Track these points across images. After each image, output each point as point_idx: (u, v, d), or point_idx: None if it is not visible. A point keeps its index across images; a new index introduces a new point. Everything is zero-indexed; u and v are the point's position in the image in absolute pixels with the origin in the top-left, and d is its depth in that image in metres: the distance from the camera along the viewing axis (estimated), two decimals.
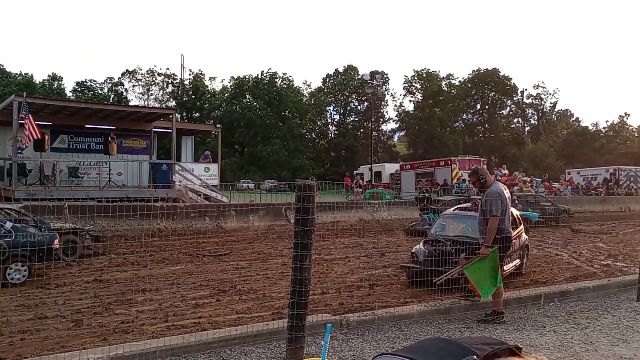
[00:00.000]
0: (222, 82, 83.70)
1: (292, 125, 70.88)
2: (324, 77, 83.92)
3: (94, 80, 76.09)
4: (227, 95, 77.26)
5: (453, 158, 34.79)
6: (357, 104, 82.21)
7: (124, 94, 77.82)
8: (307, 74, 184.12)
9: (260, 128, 69.40)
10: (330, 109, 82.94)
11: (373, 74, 47.87)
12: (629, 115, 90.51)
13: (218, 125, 27.75)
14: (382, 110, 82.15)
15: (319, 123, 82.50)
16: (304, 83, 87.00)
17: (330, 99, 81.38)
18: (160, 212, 13.99)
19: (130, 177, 21.90)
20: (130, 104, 61.48)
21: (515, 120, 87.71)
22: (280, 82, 74.34)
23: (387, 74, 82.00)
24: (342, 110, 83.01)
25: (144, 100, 77.95)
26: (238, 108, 73.25)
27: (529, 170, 50.70)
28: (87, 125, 21.40)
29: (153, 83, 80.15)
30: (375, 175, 41.00)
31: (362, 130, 79.28)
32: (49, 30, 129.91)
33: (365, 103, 76.14)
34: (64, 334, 5.97)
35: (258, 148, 67.96)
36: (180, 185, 19.83)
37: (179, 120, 43.42)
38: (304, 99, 78.01)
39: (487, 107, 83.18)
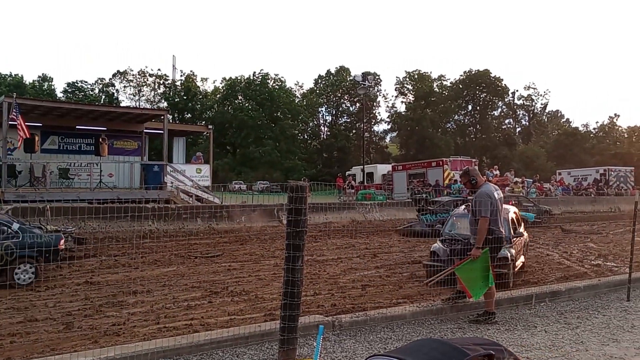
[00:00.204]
0: (213, 83, 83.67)
1: (284, 126, 70.90)
2: (316, 78, 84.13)
3: (85, 81, 75.89)
4: (219, 96, 77.22)
5: (445, 159, 34.89)
6: (349, 105, 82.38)
7: (115, 95, 77.61)
8: (299, 75, 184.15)
9: (252, 129, 69.38)
10: (323, 110, 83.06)
11: (365, 75, 47.97)
12: (619, 116, 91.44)
13: (210, 126, 27.65)
14: (374, 111, 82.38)
15: (311, 124, 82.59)
16: (296, 84, 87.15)
17: (323, 100, 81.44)
18: (152, 213, 13.92)
19: (122, 178, 21.79)
20: (122, 105, 61.22)
21: (507, 121, 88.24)
22: (272, 83, 74.36)
23: (379, 75, 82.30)
24: (334, 111, 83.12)
25: (136, 101, 77.80)
26: (230, 109, 73.22)
27: (520, 171, 50.95)
28: (77, 127, 21.27)
29: (144, 84, 79.97)
30: (368, 176, 41.06)
31: (354, 131, 79.44)
32: (40, 31, 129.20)
33: (357, 104, 76.30)
34: (55, 337, 5.92)
35: (250, 149, 67.92)
36: (172, 187, 19.75)
37: (171, 121, 43.32)
38: (296, 100, 78.03)
39: (478, 108, 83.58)
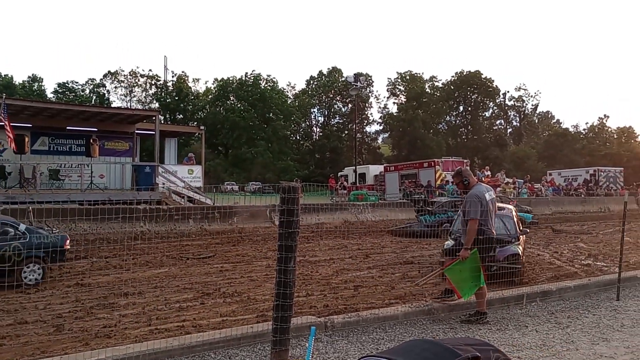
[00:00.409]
0: (205, 83, 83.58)
1: (276, 127, 70.85)
2: (308, 79, 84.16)
3: (76, 82, 75.52)
4: (210, 97, 77.05)
5: (436, 159, 35.01)
6: (341, 106, 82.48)
7: (106, 96, 77.21)
8: (291, 76, 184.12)
9: (245, 130, 69.28)
10: (315, 111, 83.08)
11: (357, 76, 48.04)
12: (608, 117, 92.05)
13: (202, 127, 27.58)
14: (366, 112, 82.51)
15: (304, 125, 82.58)
16: (288, 85, 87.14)
17: (315, 101, 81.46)
18: (143, 214, 13.85)
19: (113, 179, 21.68)
20: (113, 106, 60.95)
21: (498, 122, 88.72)
22: (265, 84, 74.28)
23: (371, 76, 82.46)
24: (326, 112, 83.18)
25: (127, 102, 77.47)
26: (222, 110, 73.10)
27: (512, 172, 51.19)
28: (68, 127, 21.15)
29: (136, 84, 79.68)
30: (360, 177, 41.14)
31: (346, 132, 79.53)
32: (30, 31, 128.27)
33: (350, 105, 76.37)
34: (45, 339, 5.88)
35: (242, 150, 67.82)
36: (164, 188, 19.67)
37: (162, 122, 43.17)
38: (289, 101, 78.01)
39: (469, 109, 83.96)
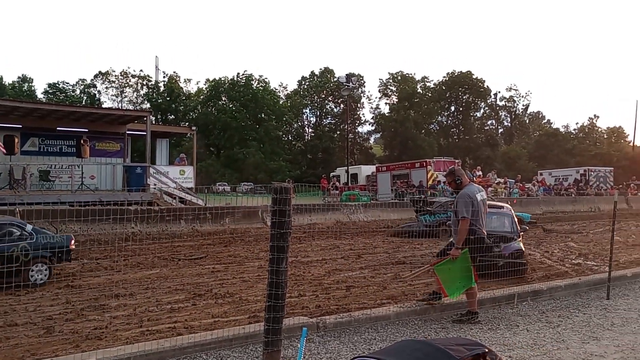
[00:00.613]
0: (197, 84, 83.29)
1: (268, 128, 70.78)
2: (299, 79, 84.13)
3: (66, 82, 75.03)
4: (202, 98, 76.82)
5: (428, 160, 35.09)
6: (333, 107, 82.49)
7: (97, 96, 76.82)
8: (283, 76, 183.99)
9: (236, 130, 69.17)
10: (307, 111, 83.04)
11: (349, 77, 47.97)
12: (598, 118, 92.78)
13: (193, 128, 27.48)
14: (358, 113, 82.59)
15: (295, 125, 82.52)
16: (280, 85, 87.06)
17: (307, 102, 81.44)
18: (135, 215, 13.78)
19: (104, 180, 21.57)
20: (104, 106, 60.64)
21: (489, 122, 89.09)
22: (257, 84, 74.16)
23: (362, 77, 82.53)
24: (318, 113, 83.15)
25: (118, 103, 77.12)
26: (214, 110, 72.93)
27: (503, 172, 51.46)
28: (58, 128, 21.02)
29: (127, 85, 79.33)
30: (352, 177, 41.15)
31: (338, 133, 79.54)
32: (20, 32, 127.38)
33: (342, 105, 76.42)
34: (35, 342, 5.84)
35: (234, 150, 67.69)
36: (155, 189, 19.60)
37: (154, 123, 43.00)
38: (280, 101, 77.95)
39: (461, 109, 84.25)
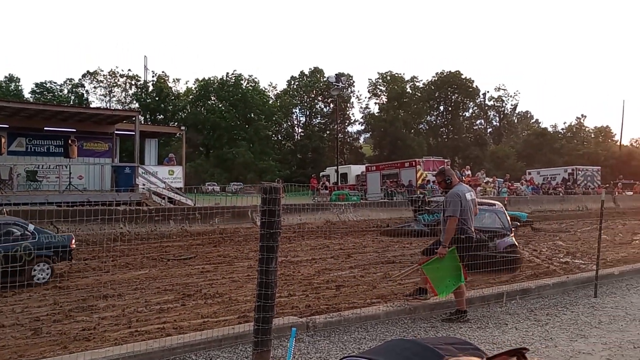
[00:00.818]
0: (186, 84, 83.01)
1: (258, 127, 70.65)
2: (289, 79, 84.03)
3: (54, 82, 74.35)
4: (191, 97, 76.50)
5: (417, 159, 35.20)
6: (323, 106, 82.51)
7: (85, 96, 76.24)
8: (272, 76, 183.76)
9: (226, 130, 68.99)
10: (296, 111, 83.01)
11: (339, 76, 48.06)
12: (586, 117, 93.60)
13: (183, 128, 27.42)
14: (347, 112, 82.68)
15: (285, 125, 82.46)
16: (270, 85, 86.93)
17: (296, 101, 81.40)
18: (123, 216, 13.70)
19: (92, 180, 21.42)
20: (92, 106, 60.22)
21: (478, 122, 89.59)
22: (246, 84, 73.99)
23: (352, 77, 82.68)
24: (308, 112, 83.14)
25: (106, 102, 76.60)
26: (203, 110, 72.67)
27: (492, 171, 51.74)
28: (46, 128, 20.86)
29: (115, 85, 78.82)
30: (342, 177, 41.17)
31: (328, 132, 79.58)
32: (6, 31, 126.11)
33: (331, 105, 76.45)
34: (22, 343, 5.78)
35: (223, 150, 67.49)
36: (144, 189, 19.51)
37: (142, 123, 42.86)
38: (270, 101, 77.83)
39: (450, 109, 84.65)
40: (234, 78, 73.35)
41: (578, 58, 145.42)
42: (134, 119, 20.89)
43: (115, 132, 22.69)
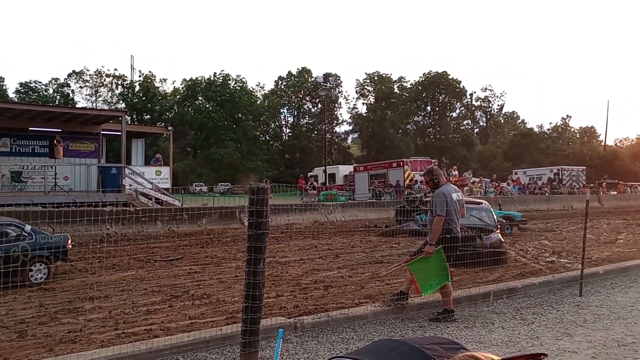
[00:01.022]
0: (173, 83, 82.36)
1: (245, 128, 70.45)
2: (277, 79, 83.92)
3: (39, 82, 73.52)
4: (178, 97, 76.07)
5: (405, 159, 35.36)
6: (310, 106, 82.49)
7: (71, 96, 75.51)
8: (260, 76, 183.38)
9: (213, 130, 68.76)
10: (284, 111, 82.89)
11: (326, 77, 48.04)
12: (571, 117, 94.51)
13: (170, 128, 27.22)
14: (335, 113, 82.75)
15: (273, 125, 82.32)
16: (258, 85, 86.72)
17: (284, 102, 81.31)
18: (109, 217, 13.59)
19: (78, 181, 21.22)
20: (77, 106, 59.65)
21: (465, 122, 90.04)
22: (234, 84, 73.75)
23: (339, 77, 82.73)
24: (295, 113, 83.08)
25: (92, 102, 75.89)
26: (190, 110, 72.33)
27: (478, 171, 52.05)
28: (30, 128, 20.62)
29: (101, 84, 78.13)
30: (330, 177, 41.22)
31: (315, 133, 79.55)
32: None
33: (319, 105, 76.46)
34: (7, 346, 5.72)
35: (211, 150, 67.23)
36: (131, 189, 19.37)
37: (129, 123, 42.38)
38: (258, 101, 77.66)
39: (437, 109, 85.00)
40: (222, 78, 73.08)
41: (563, 59, 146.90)
42: (121, 119, 20.72)
43: (102, 132, 22.51)
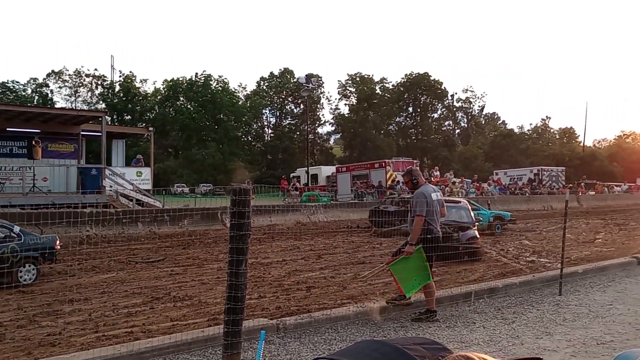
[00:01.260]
0: (154, 84, 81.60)
1: (227, 128, 70.08)
2: (259, 80, 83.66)
3: (17, 82, 72.24)
4: (159, 98, 75.39)
5: (387, 160, 35.51)
6: (293, 107, 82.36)
7: (50, 96, 74.39)
8: (242, 77, 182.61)
9: (195, 131, 68.31)
10: (266, 112, 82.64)
11: (309, 77, 48.04)
12: (550, 119, 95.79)
13: (151, 128, 27.01)
14: (317, 113, 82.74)
15: (255, 126, 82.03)
16: (239, 85, 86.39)
17: (267, 102, 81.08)
18: (89, 218, 13.42)
19: (57, 182, 20.95)
20: (56, 107, 58.82)
21: (446, 123, 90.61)
22: (215, 84, 73.32)
23: (321, 78, 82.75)
24: (278, 113, 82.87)
25: (72, 103, 74.83)
26: (171, 110, 71.76)
27: (460, 172, 52.41)
28: (8, 129, 20.31)
29: (81, 85, 77.09)
30: (312, 178, 41.20)
31: (298, 133, 79.46)
32: None
33: (302, 106, 76.40)
34: None
35: (192, 151, 66.76)
36: (111, 191, 19.17)
37: (109, 123, 42.14)
38: (240, 102, 77.32)
39: (419, 110, 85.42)
40: (203, 78, 72.64)
41: (543, 60, 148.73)
42: (101, 120, 20.52)
43: (82, 133, 22.24)
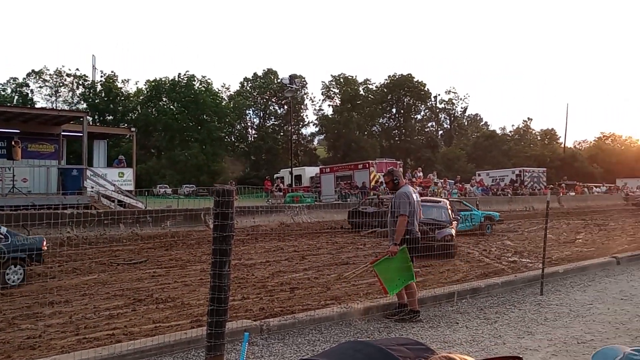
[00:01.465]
0: (136, 84, 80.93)
1: (210, 129, 69.74)
2: (242, 80, 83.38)
3: None
4: (142, 98, 74.74)
5: (371, 161, 35.62)
6: (276, 108, 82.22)
7: (30, 96, 73.34)
8: (225, 77, 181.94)
9: (178, 131, 67.88)
10: (250, 113, 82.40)
11: (292, 78, 47.94)
12: (532, 120, 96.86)
13: (133, 129, 26.76)
14: (301, 114, 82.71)
15: (239, 127, 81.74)
16: (223, 86, 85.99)
17: (250, 103, 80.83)
18: (70, 220, 13.26)
19: (37, 183, 20.66)
20: (37, 106, 58.03)
21: (429, 124, 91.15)
22: (199, 84, 72.90)
23: (305, 78, 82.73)
24: (261, 114, 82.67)
25: (52, 103, 73.89)
26: (154, 111, 71.21)
27: (443, 173, 52.75)
28: None
29: (62, 84, 76.14)
30: (296, 179, 41.16)
31: (282, 134, 79.35)
32: None
33: (285, 107, 76.31)
34: None
35: (175, 152, 66.30)
36: (93, 192, 18.95)
37: (91, 124, 41.58)
38: (223, 102, 76.98)
39: (402, 111, 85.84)
40: (186, 79, 72.18)
41: (524, 62, 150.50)
42: (82, 120, 20.26)
43: (62, 133, 21.98)
